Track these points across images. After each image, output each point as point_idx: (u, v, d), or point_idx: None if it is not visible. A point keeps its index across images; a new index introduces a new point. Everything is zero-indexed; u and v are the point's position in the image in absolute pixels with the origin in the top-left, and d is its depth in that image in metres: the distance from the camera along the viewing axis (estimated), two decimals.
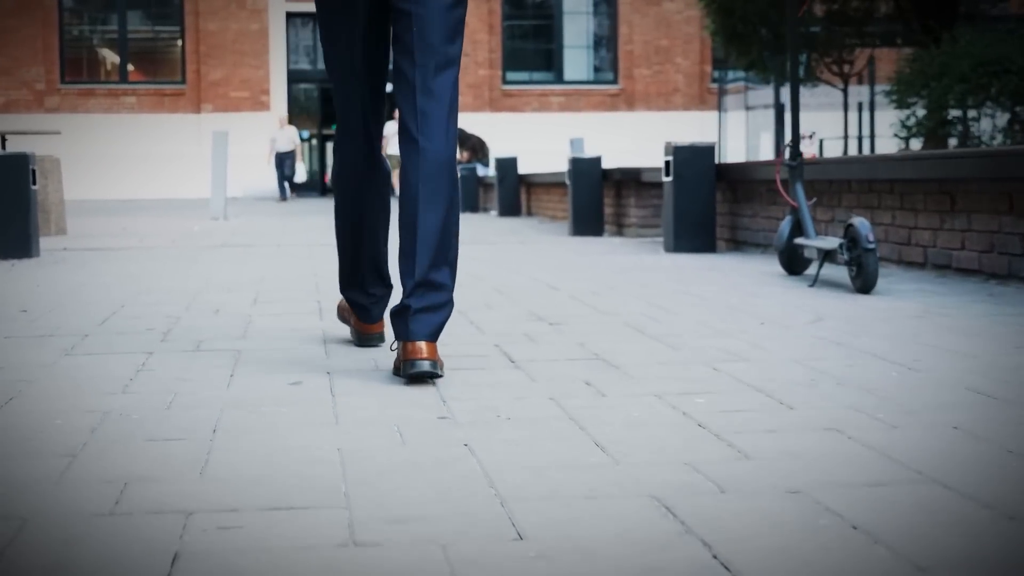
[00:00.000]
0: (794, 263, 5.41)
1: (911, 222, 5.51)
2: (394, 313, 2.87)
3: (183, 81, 26.83)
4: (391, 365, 3.04)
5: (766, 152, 24.40)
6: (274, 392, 2.70)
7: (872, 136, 22.24)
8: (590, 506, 1.78)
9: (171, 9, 26.98)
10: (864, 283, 4.56)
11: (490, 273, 5.84)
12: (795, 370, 2.94)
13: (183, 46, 26.89)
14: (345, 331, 3.67)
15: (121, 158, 26.26)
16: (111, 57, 27.20)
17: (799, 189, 5.34)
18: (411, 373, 2.77)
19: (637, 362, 3.07)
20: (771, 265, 6.10)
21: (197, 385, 2.79)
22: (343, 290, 3.42)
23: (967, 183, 5.07)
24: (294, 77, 27.20)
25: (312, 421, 2.38)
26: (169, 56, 27.34)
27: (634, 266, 6.25)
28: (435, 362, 2.79)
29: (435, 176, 2.89)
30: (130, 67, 27.06)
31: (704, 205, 7.43)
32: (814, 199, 5.78)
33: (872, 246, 4.50)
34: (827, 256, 4.85)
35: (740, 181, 7.55)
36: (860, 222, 4.61)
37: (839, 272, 5.30)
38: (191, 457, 2.09)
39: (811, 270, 5.47)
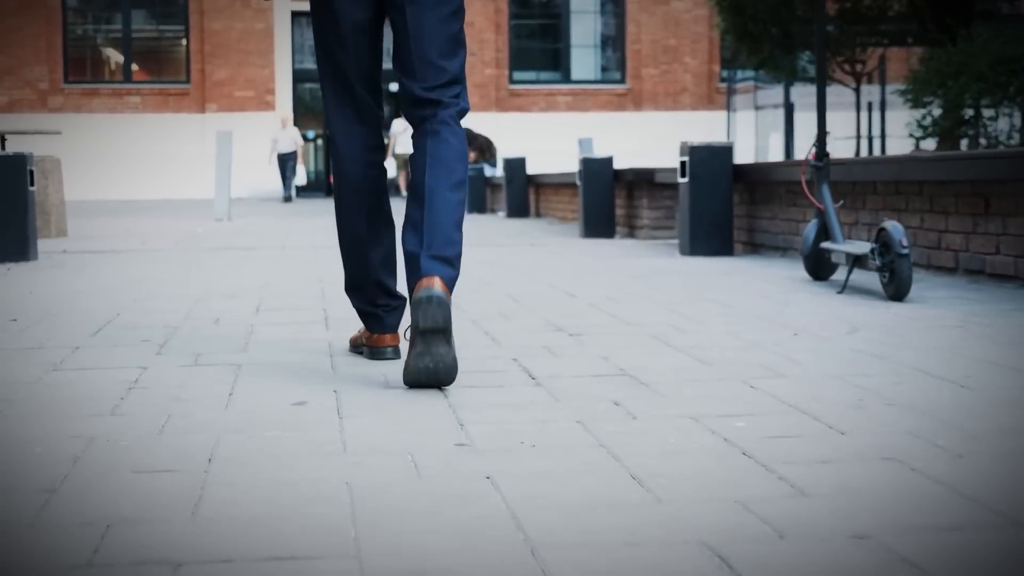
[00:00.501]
0: (820, 268, 5.19)
1: (941, 225, 5.29)
2: (407, 268, 2.81)
3: (187, 81, 26.62)
4: (402, 383, 2.82)
5: (775, 152, 24.16)
6: (276, 413, 2.49)
7: (883, 136, 22.02)
8: (633, 555, 1.57)
9: (175, 8, 26.78)
10: (897, 290, 4.34)
11: (502, 278, 5.63)
12: (838, 388, 2.72)
13: (187, 45, 26.69)
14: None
15: (125, 158, 26.07)
16: (115, 56, 27.00)
17: (825, 191, 5.12)
18: (420, 298, 2.68)
19: (667, 379, 2.85)
20: (793, 270, 5.88)
21: (193, 405, 2.58)
22: (350, 295, 3.22)
23: (1003, 185, 4.85)
24: (299, 77, 26.99)
25: (318, 449, 2.17)
26: (173, 55, 27.14)
27: (651, 270, 6.04)
28: (447, 293, 2.71)
29: (446, 152, 2.90)
30: (134, 67, 26.86)
31: (721, 207, 7.21)
32: (841, 201, 5.56)
33: (906, 251, 4.28)
34: (856, 261, 4.62)
35: (758, 182, 7.33)
36: (893, 226, 4.39)
37: (868, 278, 5.08)
38: (183, 493, 1.87)
39: (837, 275, 5.26)
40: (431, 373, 2.70)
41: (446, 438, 2.25)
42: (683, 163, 7.27)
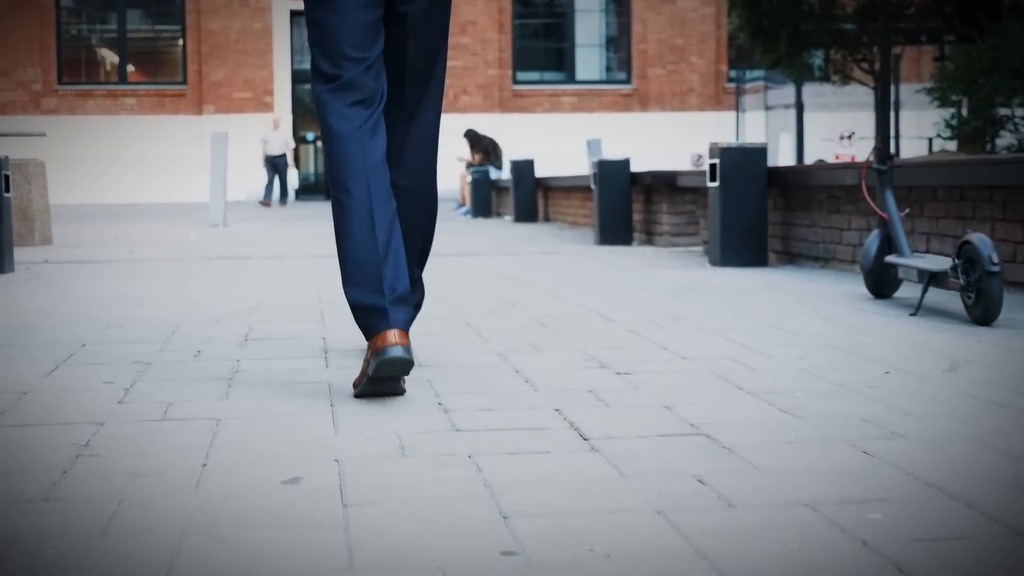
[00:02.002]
0: (882, 284, 4.60)
1: (1017, 235, 4.70)
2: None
3: (184, 82, 26.03)
4: (423, 448, 2.24)
5: (786, 154, 23.58)
6: (260, 497, 1.91)
7: (897, 137, 21.46)
8: None
9: (172, 8, 26.19)
10: (985, 313, 3.76)
11: (523, 296, 5.04)
12: (976, 454, 2.14)
13: (184, 46, 26.09)
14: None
15: (120, 161, 25.47)
16: (110, 57, 26.41)
17: (889, 198, 4.54)
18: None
19: (754, 440, 2.26)
20: (845, 284, 5.29)
21: (154, 483, 1.99)
22: (350, 291, 2.72)
23: None
24: (298, 77, 26.37)
25: (314, 560, 1.59)
26: (170, 56, 26.54)
27: (686, 285, 5.45)
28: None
29: (416, 209, 3.04)
30: (130, 67, 26.27)
31: (755, 213, 6.64)
32: (907, 210, 4.96)
33: (996, 268, 3.70)
34: (933, 279, 4.04)
35: (795, 187, 6.75)
36: (979, 239, 3.81)
37: (941, 296, 4.49)
38: None
39: (901, 292, 4.68)
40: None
41: (487, 542, 1.67)
42: (713, 166, 6.70)
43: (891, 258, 4.42)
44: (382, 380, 2.64)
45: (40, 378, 3.03)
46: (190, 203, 22.77)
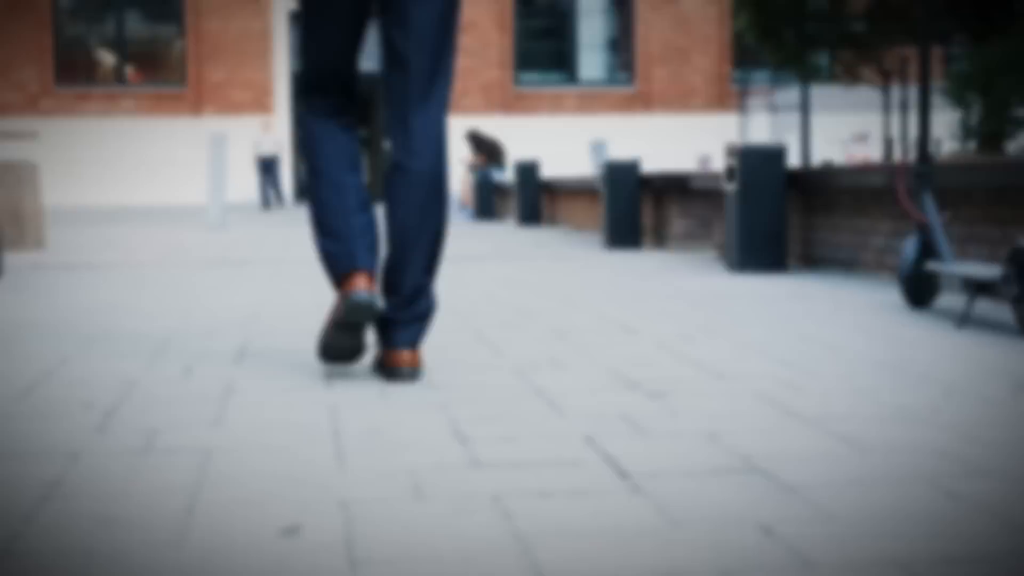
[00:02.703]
0: (921, 293, 4.32)
1: None
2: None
3: (183, 83, 25.76)
4: (440, 488, 1.96)
5: (792, 156, 23.34)
6: (253, 553, 1.63)
7: (904, 139, 21.19)
8: None
9: (170, 8, 25.91)
10: None
11: (537, 305, 4.76)
12: None
13: (183, 47, 25.83)
14: (365, 414, 2.57)
15: (119, 163, 25.18)
16: (108, 58, 26.14)
17: (928, 201, 4.26)
18: (393, 380, 2.92)
19: (819, 478, 1.98)
20: (875, 291, 5.02)
21: (131, 534, 1.71)
22: (318, 241, 3.00)
23: None
24: None
25: None
26: (168, 57, 26.25)
27: (707, 292, 5.17)
28: (416, 369, 2.92)
29: (425, 199, 2.91)
30: (128, 69, 25.99)
31: (774, 217, 6.36)
32: (947, 213, 4.68)
33: None
34: (981, 289, 3.76)
35: (817, 189, 6.47)
36: None
37: (984, 306, 4.21)
38: None
39: (941, 301, 4.40)
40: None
41: None
42: (730, 168, 6.42)
43: (933, 265, 4.14)
44: (346, 328, 2.85)
45: (13, 401, 2.74)
46: (188, 205, 22.49)
